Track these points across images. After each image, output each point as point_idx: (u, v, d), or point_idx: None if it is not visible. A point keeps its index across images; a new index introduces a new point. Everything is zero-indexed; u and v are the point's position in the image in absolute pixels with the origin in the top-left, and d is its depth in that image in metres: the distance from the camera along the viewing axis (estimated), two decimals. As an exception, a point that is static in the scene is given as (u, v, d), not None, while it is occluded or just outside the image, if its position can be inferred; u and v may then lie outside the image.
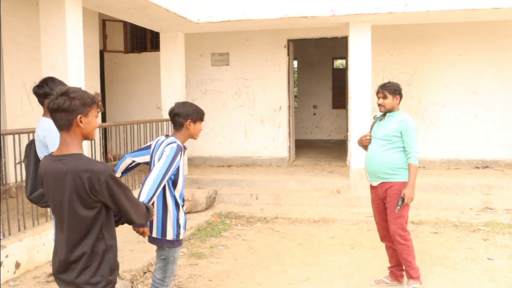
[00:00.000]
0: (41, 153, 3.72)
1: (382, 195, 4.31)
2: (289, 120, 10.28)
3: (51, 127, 3.60)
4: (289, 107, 10.25)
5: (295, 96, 14.88)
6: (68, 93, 2.24)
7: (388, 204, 4.28)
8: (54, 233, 3.99)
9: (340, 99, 14.23)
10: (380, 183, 4.30)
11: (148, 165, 3.63)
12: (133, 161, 3.64)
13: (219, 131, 10.47)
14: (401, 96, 4.33)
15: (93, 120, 2.31)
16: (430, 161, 9.59)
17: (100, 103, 2.36)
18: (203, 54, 10.50)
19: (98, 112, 2.35)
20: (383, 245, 4.85)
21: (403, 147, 4.22)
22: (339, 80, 14.62)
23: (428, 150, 9.59)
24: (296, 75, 15.75)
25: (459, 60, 9.51)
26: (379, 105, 4.31)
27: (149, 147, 3.62)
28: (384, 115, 4.37)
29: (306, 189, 8.24)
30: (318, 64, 14.97)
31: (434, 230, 6.31)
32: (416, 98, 9.67)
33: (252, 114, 10.35)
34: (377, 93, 4.33)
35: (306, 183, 8.32)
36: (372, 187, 4.44)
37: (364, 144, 4.48)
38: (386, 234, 4.44)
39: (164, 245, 3.45)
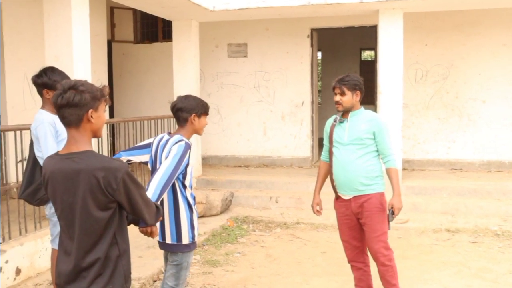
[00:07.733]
0: (36, 149, 3.76)
1: (357, 210, 4.01)
2: (312, 117, 10.23)
3: (43, 118, 3.67)
4: (312, 102, 10.21)
5: (319, 91, 14.80)
6: (76, 86, 2.23)
7: (366, 221, 3.97)
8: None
9: (368, 94, 13.84)
10: (354, 197, 4.03)
11: (146, 164, 3.63)
12: (128, 160, 3.65)
13: (235, 129, 10.48)
14: (362, 92, 4.01)
15: (102, 115, 2.34)
16: (468, 162, 9.45)
17: (107, 97, 2.38)
18: (219, 44, 10.52)
19: (105, 106, 2.37)
20: (414, 254, 4.79)
21: (377, 151, 3.99)
22: (367, 73, 14.42)
23: (467, 151, 9.46)
24: (320, 68, 15.68)
25: (502, 51, 9.33)
26: (336, 102, 3.99)
27: (148, 145, 3.62)
28: (343, 115, 4.06)
29: (330, 192, 8.15)
30: (345, 55, 14.87)
31: (472, 239, 6.21)
32: (453, 93, 9.53)
33: (272, 110, 10.33)
34: (334, 89, 4.01)
35: (330, 186, 8.23)
36: (340, 200, 4.19)
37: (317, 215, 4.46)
38: (357, 254, 4.16)
39: (181, 250, 3.46)
